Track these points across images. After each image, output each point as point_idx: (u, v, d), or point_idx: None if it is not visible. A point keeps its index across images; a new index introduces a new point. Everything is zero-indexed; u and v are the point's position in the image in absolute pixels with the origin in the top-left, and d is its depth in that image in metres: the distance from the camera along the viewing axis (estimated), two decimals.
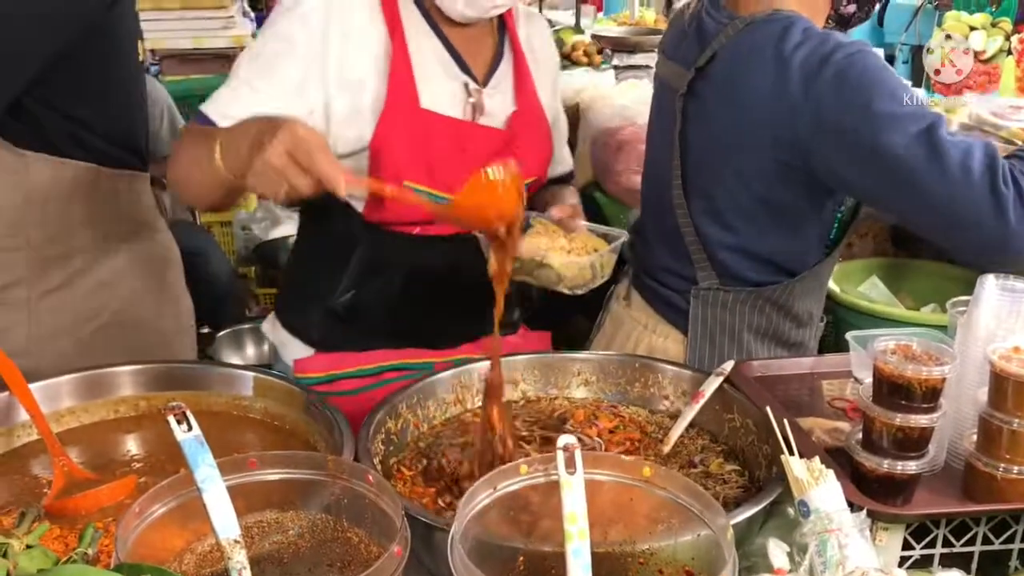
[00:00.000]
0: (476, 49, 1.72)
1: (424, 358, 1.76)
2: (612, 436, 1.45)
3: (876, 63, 1.57)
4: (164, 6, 5.13)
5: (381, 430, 1.37)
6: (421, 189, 1.61)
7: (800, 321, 1.83)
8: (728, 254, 1.76)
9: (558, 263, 1.52)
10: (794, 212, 1.71)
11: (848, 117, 1.53)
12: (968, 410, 1.27)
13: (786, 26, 1.62)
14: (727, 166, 1.70)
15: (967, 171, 1.46)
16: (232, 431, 1.42)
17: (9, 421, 1.37)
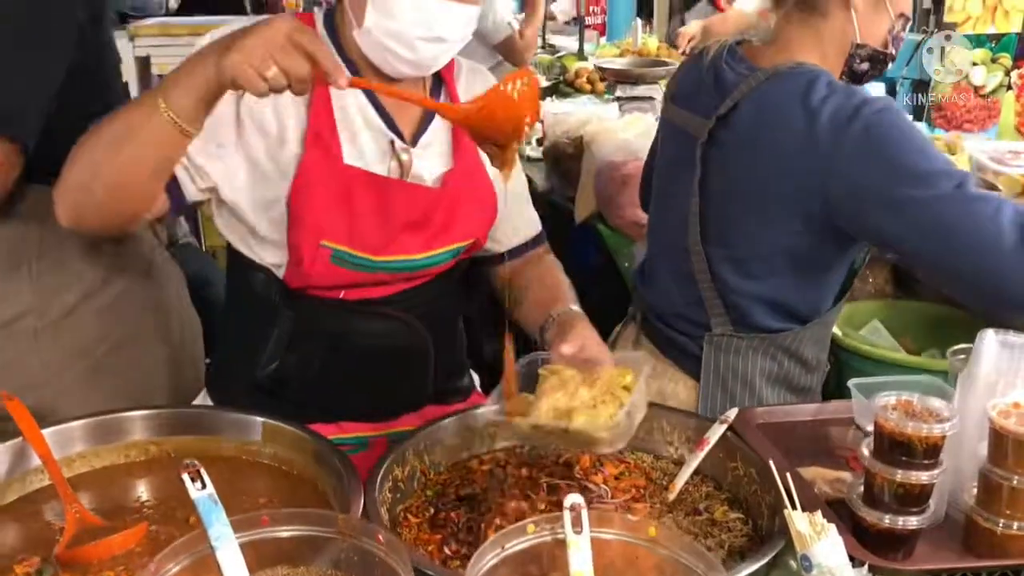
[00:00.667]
0: (404, 107, 1.63)
1: (360, 432, 1.69)
2: (618, 483, 1.47)
3: (903, 120, 1.60)
4: (172, 32, 5.19)
5: (389, 478, 1.39)
6: (341, 250, 1.56)
7: (809, 366, 1.86)
8: (746, 302, 1.78)
9: (586, 427, 1.29)
10: (819, 261, 1.75)
11: (878, 173, 1.56)
12: (968, 464, 1.29)
13: (811, 79, 1.65)
14: (751, 215, 1.73)
15: (997, 225, 1.50)
16: (241, 476, 1.43)
17: (22, 467, 1.38)
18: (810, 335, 1.82)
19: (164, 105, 1.31)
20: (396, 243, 1.59)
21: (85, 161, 1.41)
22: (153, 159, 1.39)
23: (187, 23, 5.60)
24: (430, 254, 1.64)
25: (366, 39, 1.53)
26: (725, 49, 1.82)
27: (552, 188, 3.79)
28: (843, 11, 1.72)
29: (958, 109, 3.61)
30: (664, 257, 1.95)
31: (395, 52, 1.51)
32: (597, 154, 3.29)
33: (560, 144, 3.63)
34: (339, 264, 1.57)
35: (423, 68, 1.57)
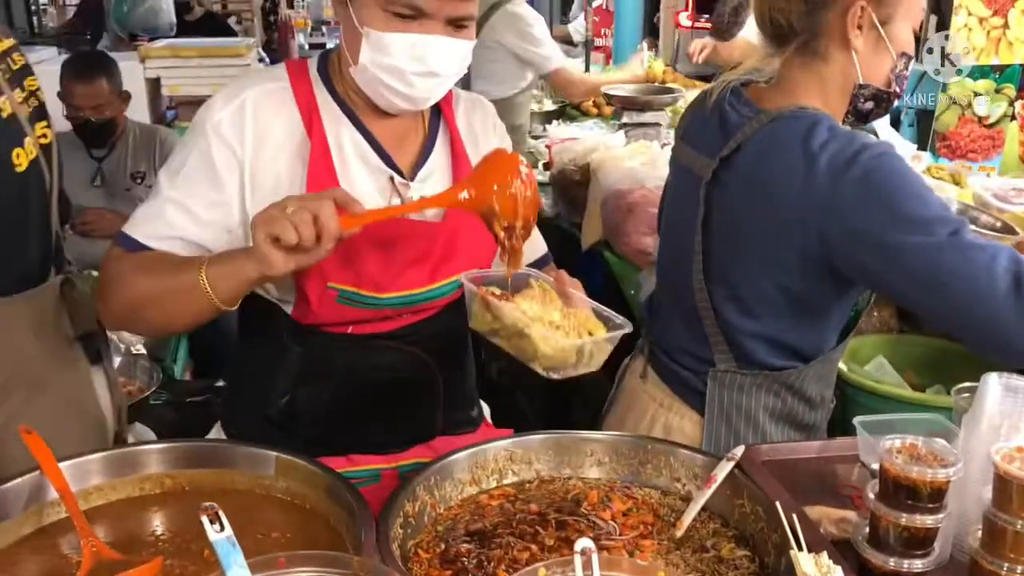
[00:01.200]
0: (401, 140, 1.67)
1: (371, 464, 1.70)
2: (626, 519, 1.48)
3: (902, 166, 1.61)
4: (182, 54, 5.24)
5: (400, 513, 1.40)
6: (347, 290, 1.59)
7: (813, 404, 1.88)
8: (749, 340, 1.80)
9: (539, 336, 1.39)
10: (817, 303, 1.76)
11: (875, 218, 1.58)
12: (973, 508, 1.31)
13: (812, 124, 1.67)
14: (751, 255, 1.75)
15: (992, 274, 1.51)
16: (255, 509, 1.44)
17: (39, 500, 1.40)
18: (814, 373, 1.83)
19: (207, 288, 1.44)
20: (401, 279, 1.62)
21: (128, 301, 1.56)
22: (192, 317, 1.52)
23: (196, 45, 5.65)
24: (434, 286, 1.67)
25: (362, 76, 1.56)
26: (729, 90, 1.84)
27: (559, 214, 3.82)
28: (843, 53, 1.73)
29: (962, 139, 3.64)
30: (670, 292, 1.97)
31: (390, 87, 1.55)
32: (603, 182, 3.33)
33: (567, 171, 3.67)
34: (346, 303, 1.60)
35: (418, 103, 1.59)
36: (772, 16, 1.75)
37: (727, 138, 1.77)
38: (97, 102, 3.89)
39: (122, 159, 4.04)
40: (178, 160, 1.60)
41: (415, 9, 1.49)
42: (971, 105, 3.63)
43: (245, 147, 1.56)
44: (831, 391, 1.94)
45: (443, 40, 1.52)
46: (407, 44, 1.50)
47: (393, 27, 1.50)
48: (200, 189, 1.57)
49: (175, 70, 5.18)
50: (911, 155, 3.56)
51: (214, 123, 1.56)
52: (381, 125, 1.65)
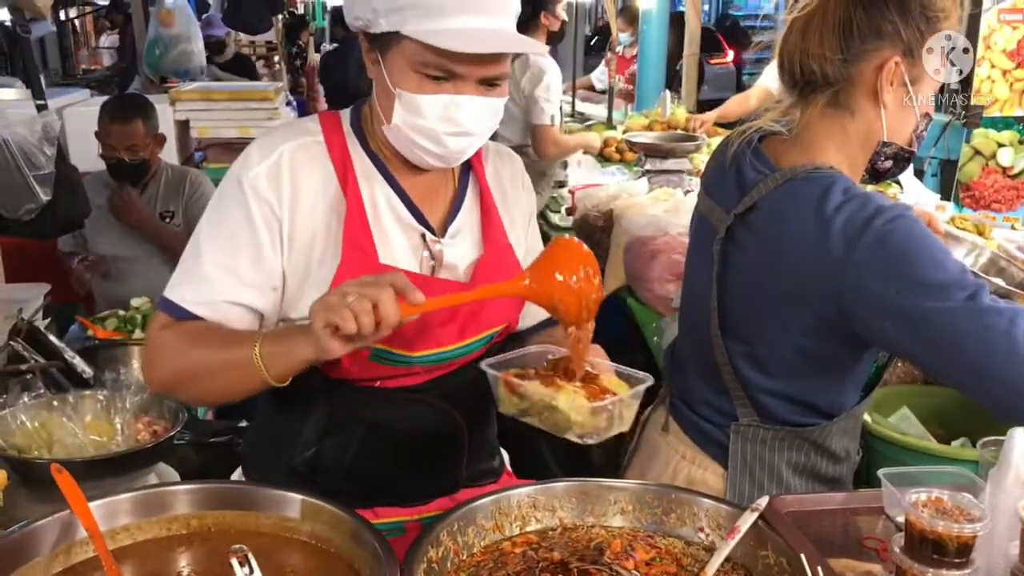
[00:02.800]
0: (432, 196, 1.67)
1: (395, 516, 1.70)
2: (649, 569, 1.48)
3: (918, 229, 1.59)
4: (212, 97, 5.34)
5: (423, 559, 1.41)
6: (379, 348, 1.58)
7: (837, 458, 1.86)
8: (767, 398, 1.79)
9: (568, 407, 1.42)
10: (834, 363, 1.75)
11: (890, 283, 1.56)
12: (1000, 562, 1.30)
13: (827, 186, 1.64)
14: (768, 315, 1.74)
15: (1011, 338, 1.49)
16: (279, 552, 1.45)
17: (68, 539, 1.41)
18: (838, 428, 1.82)
19: (261, 366, 1.45)
20: (432, 337, 1.63)
21: (178, 369, 1.57)
22: (244, 392, 1.54)
23: (226, 88, 5.77)
24: (463, 344, 1.68)
25: (394, 135, 1.57)
26: (747, 144, 1.83)
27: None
28: (873, 109, 1.72)
29: (986, 189, 3.65)
30: (690, 344, 1.97)
31: (423, 147, 1.56)
32: (626, 228, 3.36)
33: (590, 217, 3.70)
34: (377, 361, 1.61)
35: (451, 161, 1.61)
36: (804, 63, 1.72)
37: (742, 195, 1.76)
38: (132, 143, 3.96)
39: (153, 199, 4.10)
40: (216, 219, 1.60)
41: (447, 71, 1.49)
42: (995, 156, 3.65)
43: (283, 203, 1.57)
44: (856, 444, 1.93)
45: (476, 100, 1.52)
46: (440, 105, 1.51)
47: (426, 89, 1.50)
48: (244, 250, 1.57)
49: (204, 112, 5.28)
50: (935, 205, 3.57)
51: (251, 180, 1.56)
52: (412, 180, 1.65)
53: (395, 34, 1.50)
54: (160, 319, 1.60)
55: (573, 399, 1.42)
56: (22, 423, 2.08)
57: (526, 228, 1.83)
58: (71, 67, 10.34)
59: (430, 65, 1.49)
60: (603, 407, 1.44)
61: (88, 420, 2.13)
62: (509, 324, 1.76)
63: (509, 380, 1.48)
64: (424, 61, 1.49)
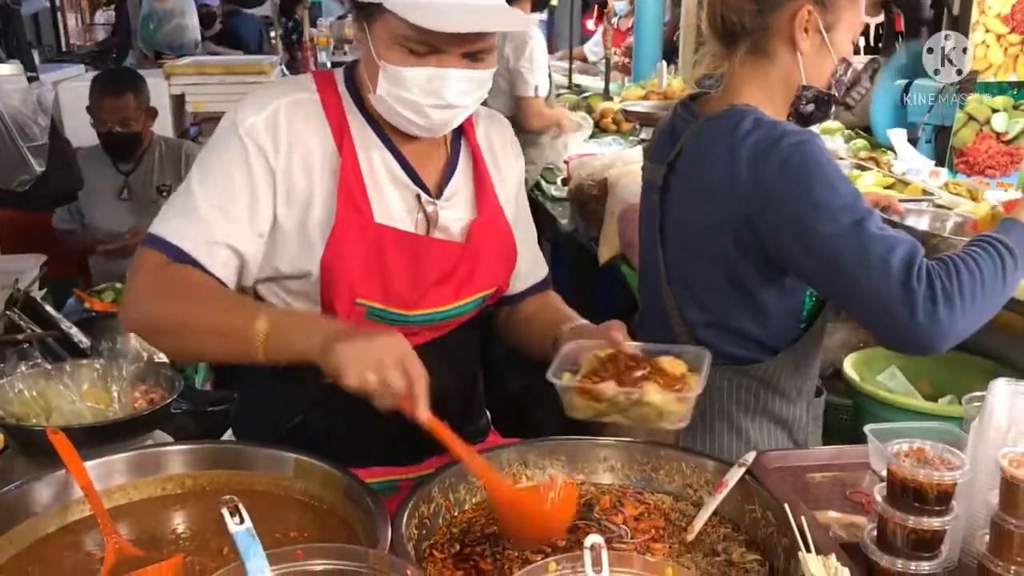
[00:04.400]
0: (426, 159, 1.68)
1: (390, 475, 1.69)
2: (637, 524, 1.50)
3: (819, 154, 1.69)
4: (207, 71, 5.32)
5: (415, 515, 1.43)
6: (376, 307, 1.61)
7: (790, 397, 1.92)
8: (707, 332, 1.87)
9: (660, 400, 1.45)
10: (762, 290, 1.83)
11: (790, 203, 1.67)
12: (980, 511, 1.32)
13: (739, 118, 1.76)
14: (698, 250, 1.85)
15: (886, 264, 1.58)
16: (273, 510, 1.47)
17: (64, 498, 1.44)
18: (784, 365, 1.88)
19: (263, 349, 1.43)
20: (428, 297, 1.65)
21: (167, 317, 1.53)
22: (229, 359, 1.55)
23: (220, 62, 5.75)
24: (457, 304, 1.69)
25: (380, 104, 1.58)
26: (680, 104, 1.97)
27: (576, 229, 3.85)
28: (790, 55, 1.82)
29: (980, 155, 3.65)
30: (648, 303, 2.06)
31: (407, 118, 1.56)
32: (621, 196, 3.36)
33: (585, 186, 3.70)
34: (374, 319, 1.62)
35: (436, 131, 1.61)
36: (724, 15, 1.84)
37: (674, 144, 1.88)
38: (123, 116, 3.96)
39: (148, 173, 4.10)
40: (209, 163, 1.59)
41: (430, 46, 1.49)
42: (989, 121, 3.64)
43: (279, 155, 1.56)
44: (811, 383, 1.98)
45: (460, 73, 1.52)
46: (423, 78, 1.51)
47: (409, 62, 1.50)
48: (238, 193, 1.56)
49: (199, 87, 5.26)
50: (929, 171, 3.57)
51: (248, 127, 1.55)
52: (406, 142, 1.66)
53: (378, 5, 1.50)
54: (151, 257, 1.56)
55: (660, 392, 1.45)
56: (19, 391, 2.09)
57: (516, 190, 1.84)
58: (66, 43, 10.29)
59: (412, 39, 1.49)
60: (695, 395, 1.46)
61: (85, 388, 2.14)
62: (500, 287, 1.77)
63: (588, 388, 1.49)
64: (407, 35, 1.49)
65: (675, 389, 1.46)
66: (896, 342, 1.64)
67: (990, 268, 1.61)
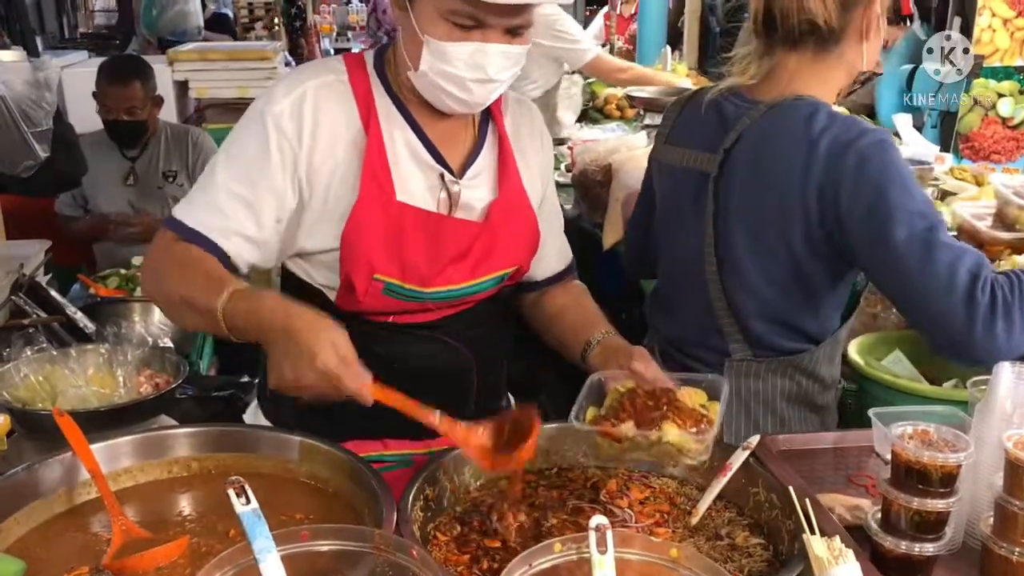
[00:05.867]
0: (452, 139, 1.71)
1: (404, 449, 1.74)
2: (642, 508, 1.51)
3: (896, 156, 1.70)
4: (209, 57, 5.31)
5: (420, 497, 1.44)
6: (392, 283, 1.63)
7: (825, 384, 1.95)
8: (761, 325, 1.87)
9: (679, 441, 1.44)
10: (820, 282, 1.84)
11: (864, 203, 1.67)
12: (985, 493, 1.32)
13: (813, 111, 1.75)
14: (758, 241, 1.82)
15: (952, 274, 1.60)
16: (279, 493, 1.48)
17: (71, 480, 1.45)
18: (823, 354, 1.91)
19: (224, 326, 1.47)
20: (444, 274, 1.66)
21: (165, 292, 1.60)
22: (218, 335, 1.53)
23: (224, 48, 5.73)
24: (474, 282, 1.70)
25: (421, 81, 1.59)
26: (722, 90, 1.92)
27: (580, 214, 3.84)
28: (858, 46, 1.83)
29: (985, 140, 3.63)
30: (681, 290, 2.03)
31: (449, 92, 1.58)
32: (624, 182, 3.35)
33: (588, 171, 3.69)
34: (390, 295, 1.64)
35: (475, 107, 1.63)
36: (800, 16, 1.78)
37: (727, 130, 1.85)
38: (130, 104, 3.96)
39: (154, 159, 4.10)
40: (234, 148, 1.63)
41: (476, 20, 1.51)
42: (995, 106, 3.63)
43: (302, 138, 1.59)
44: (839, 371, 2.01)
45: (501, 48, 1.54)
46: (467, 53, 1.53)
47: (454, 36, 1.52)
48: (258, 183, 1.59)
49: (203, 73, 5.25)
50: (934, 156, 3.56)
51: (275, 115, 1.59)
52: (433, 124, 1.68)
53: None
54: (166, 236, 1.62)
55: (678, 433, 1.44)
56: (25, 376, 2.10)
57: (542, 177, 1.85)
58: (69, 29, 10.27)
59: (459, 13, 1.51)
60: (712, 436, 1.45)
61: (91, 373, 2.15)
62: (520, 267, 1.78)
63: (608, 432, 1.47)
64: (453, 9, 1.51)
65: (693, 427, 1.45)
66: (951, 351, 1.67)
67: None
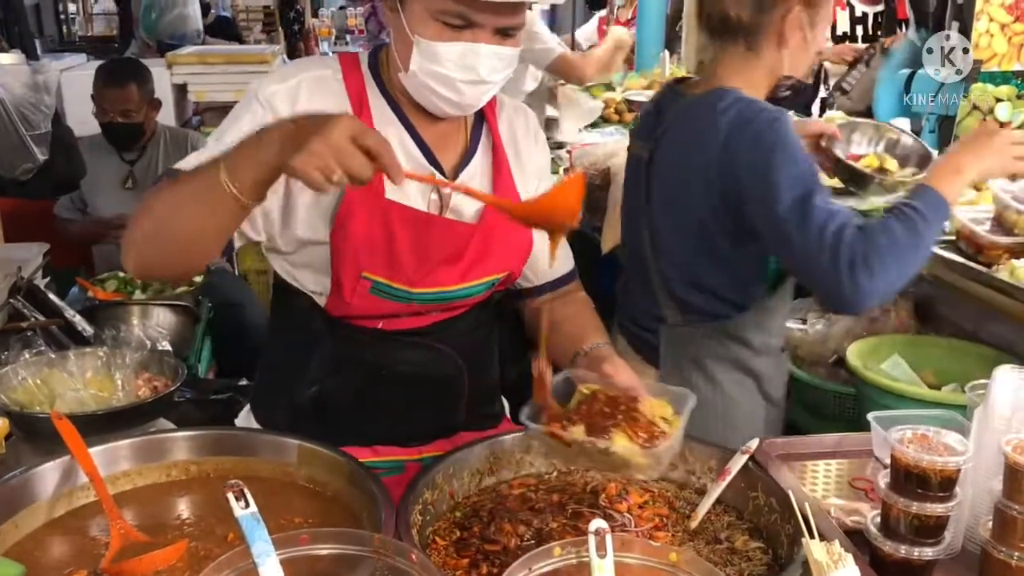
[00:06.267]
0: (445, 142, 1.69)
1: (395, 455, 1.72)
2: (642, 512, 1.50)
3: (787, 129, 1.86)
4: (208, 60, 5.32)
5: (419, 501, 1.43)
6: (380, 281, 1.62)
7: (757, 350, 2.09)
8: (684, 289, 2.07)
9: (626, 451, 1.36)
10: (726, 251, 2.01)
11: (755, 175, 1.84)
12: (984, 498, 1.32)
13: (720, 96, 1.93)
14: (678, 216, 2.04)
15: (822, 235, 1.75)
16: (277, 496, 1.47)
17: (70, 483, 1.44)
18: (751, 320, 2.06)
19: (227, 179, 1.34)
20: (433, 276, 1.65)
21: (150, 220, 1.47)
22: (214, 225, 1.43)
23: (222, 51, 5.74)
24: (465, 286, 1.69)
25: (411, 81, 1.58)
26: (666, 84, 2.20)
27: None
28: (777, 49, 1.98)
29: None
30: (632, 269, 2.24)
31: (439, 93, 1.57)
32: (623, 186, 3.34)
33: (587, 175, 3.69)
34: (378, 295, 1.63)
35: (466, 108, 1.62)
36: (722, 10, 1.98)
37: (660, 123, 2.09)
38: (126, 107, 3.96)
39: (153, 161, 4.10)
40: (230, 122, 1.60)
41: (466, 20, 1.51)
42: (992, 111, 3.63)
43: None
44: (777, 341, 2.16)
45: (492, 48, 1.53)
46: (457, 53, 1.52)
47: (444, 36, 1.52)
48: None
49: (201, 76, 5.26)
50: None
51: (267, 94, 1.57)
52: (427, 126, 1.67)
53: None
54: (159, 184, 1.53)
55: (626, 444, 1.37)
56: (23, 379, 2.09)
57: (539, 180, 1.83)
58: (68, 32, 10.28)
59: (450, 13, 1.50)
60: (656, 450, 1.38)
61: (89, 376, 2.15)
62: (511, 272, 1.77)
63: (556, 433, 1.41)
64: (444, 9, 1.50)
65: (644, 440, 1.38)
66: (835, 305, 1.84)
67: (903, 233, 1.75)
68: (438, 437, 1.77)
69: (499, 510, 1.48)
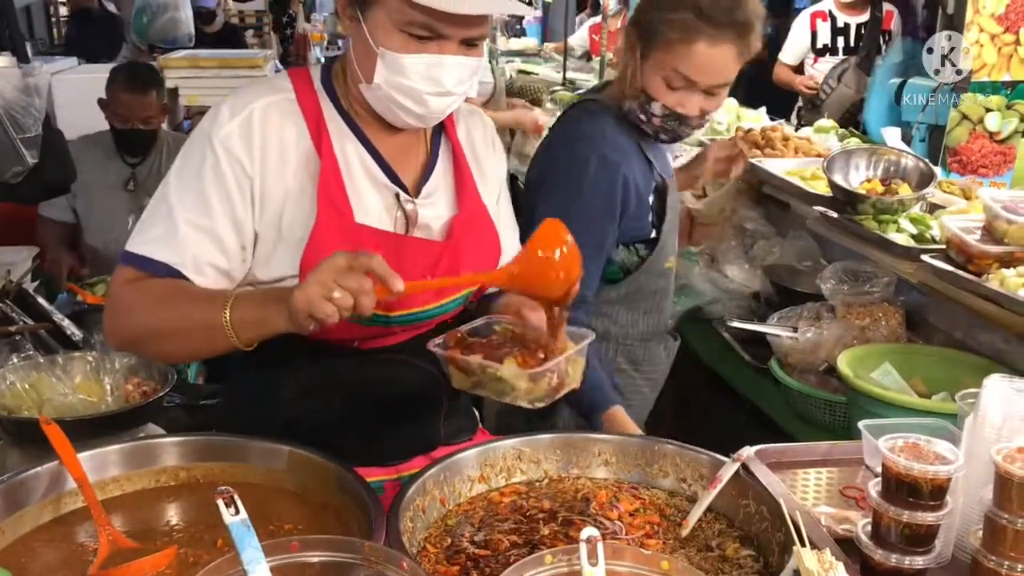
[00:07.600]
0: (405, 156, 1.66)
1: (375, 476, 1.64)
2: (632, 519, 1.50)
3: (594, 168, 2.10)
4: (200, 64, 5.32)
5: (410, 507, 1.43)
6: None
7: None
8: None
9: (511, 375, 1.42)
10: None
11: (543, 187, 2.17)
12: (974, 507, 1.33)
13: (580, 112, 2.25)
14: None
15: None
16: (267, 503, 1.47)
17: (58, 489, 1.43)
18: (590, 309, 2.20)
19: (231, 332, 1.42)
20: (408, 298, 1.59)
21: (143, 327, 1.54)
22: (209, 350, 1.51)
23: (214, 55, 5.74)
24: (440, 304, 1.67)
25: (375, 94, 1.55)
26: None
27: None
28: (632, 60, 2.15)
29: (973, 154, 3.65)
30: None
31: (405, 107, 1.54)
32: None
33: None
34: (356, 321, 1.60)
35: (429, 121, 1.60)
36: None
37: None
38: (147, 114, 3.93)
39: (155, 166, 4.07)
40: (186, 176, 1.57)
41: (433, 31, 1.48)
42: (982, 121, 3.65)
43: (254, 162, 1.54)
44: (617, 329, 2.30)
45: (457, 60, 1.51)
46: (424, 65, 1.50)
47: (410, 48, 1.49)
48: (217, 210, 1.54)
49: (193, 80, 5.25)
50: None
51: (222, 137, 1.53)
52: (385, 140, 1.64)
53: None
54: (125, 273, 1.55)
55: (516, 368, 1.42)
56: (11, 384, 2.08)
57: (499, 189, 1.82)
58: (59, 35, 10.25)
59: (416, 24, 1.48)
60: (542, 372, 1.42)
61: (78, 381, 2.14)
62: (483, 284, 1.75)
63: (454, 357, 1.48)
64: (410, 20, 1.47)
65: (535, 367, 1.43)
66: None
67: None
68: (416, 453, 1.74)
69: (490, 517, 1.48)
